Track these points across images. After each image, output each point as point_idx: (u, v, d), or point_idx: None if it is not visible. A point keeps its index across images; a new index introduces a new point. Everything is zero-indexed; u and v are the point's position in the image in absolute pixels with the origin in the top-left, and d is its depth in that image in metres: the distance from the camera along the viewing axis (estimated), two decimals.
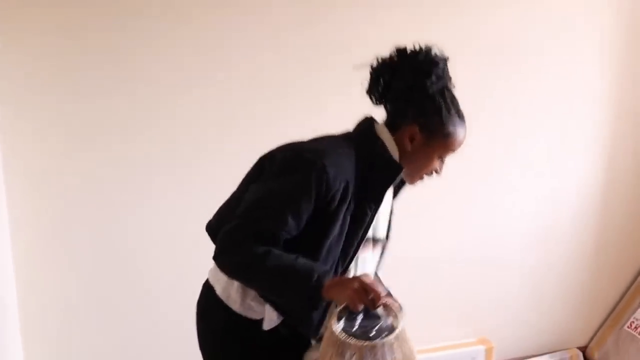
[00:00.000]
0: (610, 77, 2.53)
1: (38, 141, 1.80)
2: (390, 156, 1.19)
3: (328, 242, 1.14)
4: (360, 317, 1.02)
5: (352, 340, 0.96)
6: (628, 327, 2.73)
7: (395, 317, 1.03)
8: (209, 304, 1.33)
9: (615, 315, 2.83)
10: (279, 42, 1.98)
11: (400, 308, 1.05)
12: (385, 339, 0.97)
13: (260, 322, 1.23)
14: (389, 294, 1.13)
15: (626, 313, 2.78)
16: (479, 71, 2.28)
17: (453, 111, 1.16)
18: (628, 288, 2.85)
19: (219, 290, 1.27)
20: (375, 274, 1.35)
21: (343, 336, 0.97)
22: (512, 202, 2.51)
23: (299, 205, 1.10)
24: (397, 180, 1.22)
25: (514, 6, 2.29)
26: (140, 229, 1.95)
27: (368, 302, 1.01)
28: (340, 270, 1.19)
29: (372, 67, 1.22)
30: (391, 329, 1.00)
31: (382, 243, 1.32)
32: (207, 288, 1.32)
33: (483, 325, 2.56)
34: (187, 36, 1.88)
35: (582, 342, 2.86)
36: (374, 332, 0.99)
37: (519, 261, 2.59)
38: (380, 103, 1.25)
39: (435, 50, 1.17)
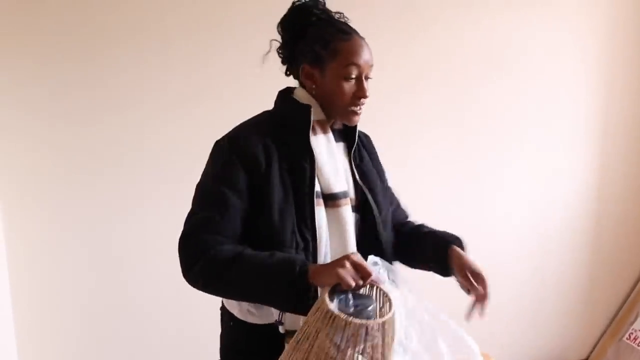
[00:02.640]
0: (600, 76, 2.56)
1: (30, 147, 1.85)
2: (296, 103, 1.19)
3: (276, 206, 1.13)
4: (351, 296, 0.97)
5: (350, 319, 0.90)
6: (627, 338, 2.73)
7: (386, 297, 1.00)
8: (222, 311, 1.31)
9: (613, 327, 2.84)
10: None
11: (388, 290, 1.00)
12: (384, 318, 0.93)
13: (258, 327, 1.19)
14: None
15: (625, 324, 2.79)
16: (469, 74, 2.33)
17: (332, 32, 1.16)
18: (625, 299, 2.87)
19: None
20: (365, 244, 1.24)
21: (342, 315, 0.91)
22: (506, 212, 2.54)
23: (233, 183, 1.12)
24: (312, 121, 1.17)
25: (504, 10, 2.34)
26: (133, 232, 1.99)
27: (359, 281, 0.98)
28: (306, 231, 1.14)
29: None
30: (382, 308, 0.96)
31: (351, 199, 1.22)
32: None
33: (481, 340, 2.55)
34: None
35: (582, 355, 2.86)
36: (368, 311, 0.95)
37: (515, 275, 2.61)
38: (288, 69, 1.28)
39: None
